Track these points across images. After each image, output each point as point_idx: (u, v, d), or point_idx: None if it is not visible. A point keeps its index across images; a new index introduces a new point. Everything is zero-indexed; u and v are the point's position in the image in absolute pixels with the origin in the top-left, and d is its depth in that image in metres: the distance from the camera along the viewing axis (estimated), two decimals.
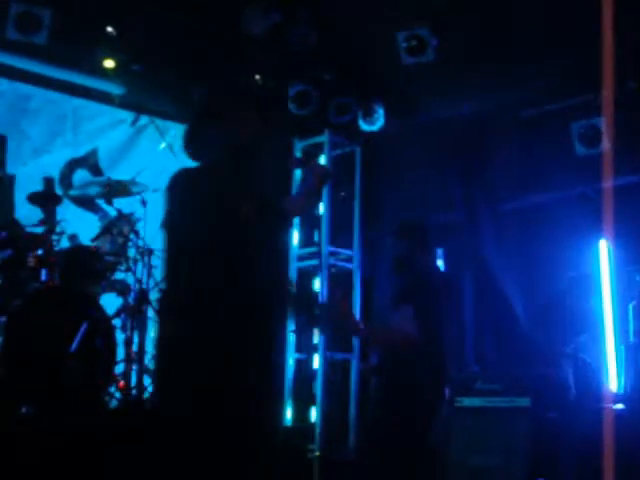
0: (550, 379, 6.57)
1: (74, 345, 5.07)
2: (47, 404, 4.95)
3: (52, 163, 7.24)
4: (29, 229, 5.79)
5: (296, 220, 6.69)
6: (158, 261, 6.38)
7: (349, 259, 7.99)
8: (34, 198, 5.95)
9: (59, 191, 6.89)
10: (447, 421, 6.28)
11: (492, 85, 7.28)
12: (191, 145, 3.21)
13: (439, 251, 7.93)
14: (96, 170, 7.43)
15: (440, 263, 7.88)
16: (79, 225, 6.97)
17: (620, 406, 5.97)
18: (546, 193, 7.53)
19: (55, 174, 7.17)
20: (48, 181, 6.67)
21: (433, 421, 4.70)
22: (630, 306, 6.64)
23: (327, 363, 7.40)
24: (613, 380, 6.49)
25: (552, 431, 6.06)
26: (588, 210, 7.06)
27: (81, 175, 7.37)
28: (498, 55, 6.83)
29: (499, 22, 6.53)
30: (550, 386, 6.47)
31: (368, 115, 7.82)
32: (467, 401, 6.48)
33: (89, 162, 7.42)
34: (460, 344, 7.49)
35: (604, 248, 6.84)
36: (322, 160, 7.75)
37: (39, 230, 5.72)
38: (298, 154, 7.75)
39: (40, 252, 5.44)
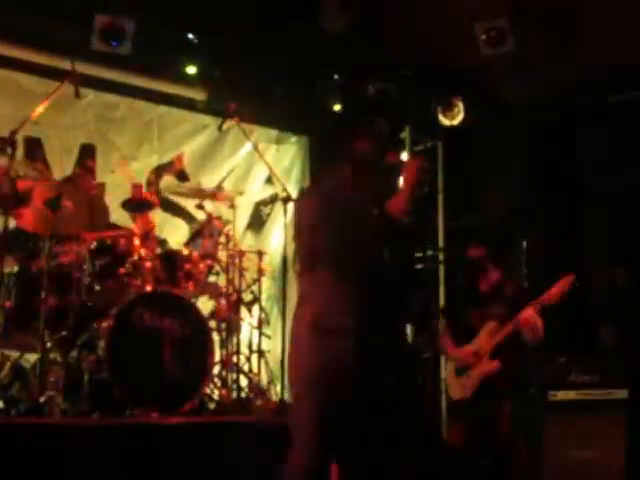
0: None
1: (173, 348, 5.17)
2: (149, 407, 5.03)
3: (139, 170, 7.36)
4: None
5: None
6: (249, 263, 6.48)
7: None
8: (127, 205, 6.06)
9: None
10: (541, 416, 6.22)
11: (575, 71, 7.16)
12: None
13: (523, 244, 7.85)
14: (182, 175, 7.54)
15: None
16: (167, 230, 7.11)
17: None
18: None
19: (142, 181, 7.30)
20: (136, 188, 6.80)
21: None
22: None
23: None
24: None
25: None
26: None
27: (168, 181, 7.48)
28: (580, 41, 6.72)
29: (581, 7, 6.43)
30: None
31: (448, 110, 7.77)
32: (561, 394, 6.38)
33: (175, 168, 7.52)
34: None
35: None
36: (404, 156, 7.73)
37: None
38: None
39: (136, 258, 5.53)
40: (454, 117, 7.74)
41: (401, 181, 3.11)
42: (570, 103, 7.69)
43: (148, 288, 5.46)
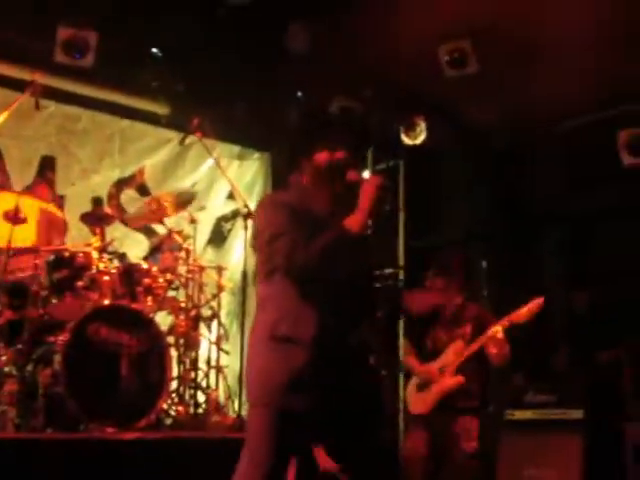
0: (605, 387, 6.53)
1: (130, 363, 5.14)
2: (104, 422, 4.98)
3: (100, 183, 7.32)
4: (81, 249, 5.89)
5: None
6: (209, 278, 6.46)
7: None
8: (86, 218, 6.02)
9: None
10: (497, 434, 6.27)
11: (534, 95, 7.27)
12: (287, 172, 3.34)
13: (483, 264, 7.92)
14: (143, 190, 7.50)
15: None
16: (127, 244, 7.06)
17: None
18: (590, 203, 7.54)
19: (103, 194, 7.26)
20: (97, 201, 6.75)
21: None
22: None
23: None
24: None
25: (608, 443, 6.02)
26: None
27: (129, 195, 7.45)
28: (538, 65, 6.83)
29: (536, 33, 6.54)
30: (606, 395, 6.43)
31: (410, 129, 7.83)
32: (518, 413, 6.44)
33: (136, 182, 7.49)
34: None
35: None
36: (366, 174, 7.75)
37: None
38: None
39: (94, 271, 5.48)
40: (416, 137, 7.79)
41: (359, 199, 3.12)
42: (529, 128, 7.82)
43: (106, 302, 5.42)
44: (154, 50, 6.92)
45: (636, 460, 5.91)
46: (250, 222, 6.07)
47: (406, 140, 7.84)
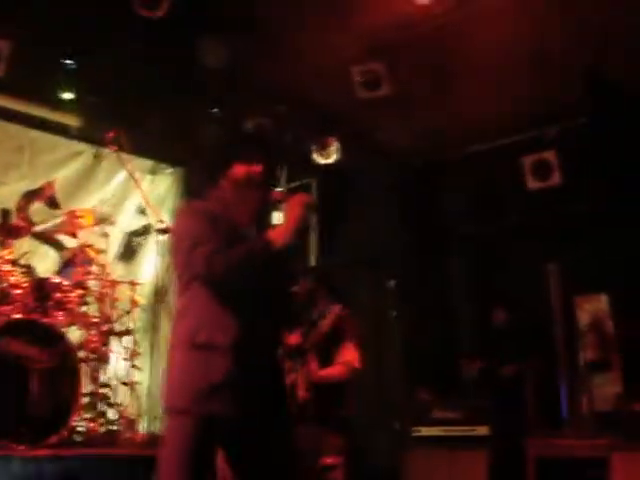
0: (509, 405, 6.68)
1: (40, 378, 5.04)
2: (14, 438, 4.88)
3: (7, 195, 7.14)
4: None
5: None
6: (121, 293, 6.38)
7: None
8: None
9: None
10: (403, 451, 6.35)
11: (445, 119, 7.46)
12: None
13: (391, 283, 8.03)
14: (53, 202, 7.35)
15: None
16: (36, 258, 6.90)
17: None
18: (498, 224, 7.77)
19: (11, 206, 7.10)
20: (5, 213, 6.60)
21: None
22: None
23: None
24: None
25: (513, 458, 6.17)
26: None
27: (38, 208, 7.28)
28: (451, 89, 7.00)
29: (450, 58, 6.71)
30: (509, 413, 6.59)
31: (323, 148, 7.92)
32: (425, 430, 6.54)
33: (46, 194, 7.34)
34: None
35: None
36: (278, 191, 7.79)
37: None
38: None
39: (4, 285, 5.37)
40: (329, 156, 7.89)
41: (284, 214, 3.15)
42: (439, 150, 8.03)
43: (17, 316, 5.31)
44: (68, 61, 6.81)
45: (538, 474, 6.07)
46: (162, 237, 6.05)
47: (318, 159, 7.92)
